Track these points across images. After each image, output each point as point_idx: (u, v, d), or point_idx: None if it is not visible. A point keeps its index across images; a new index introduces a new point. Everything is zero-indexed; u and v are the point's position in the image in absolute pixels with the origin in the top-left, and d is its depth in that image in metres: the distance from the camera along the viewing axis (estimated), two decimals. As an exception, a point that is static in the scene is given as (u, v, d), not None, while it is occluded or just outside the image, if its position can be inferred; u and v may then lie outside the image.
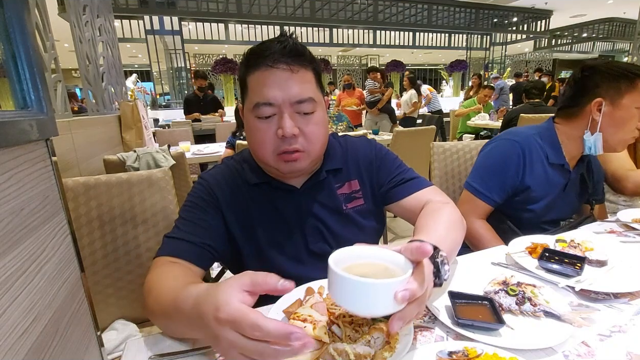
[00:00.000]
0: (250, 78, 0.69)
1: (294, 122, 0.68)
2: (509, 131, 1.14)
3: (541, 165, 1.06)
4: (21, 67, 0.46)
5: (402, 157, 2.95)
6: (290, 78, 0.67)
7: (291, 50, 0.68)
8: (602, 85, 0.99)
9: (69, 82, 10.88)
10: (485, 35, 10.65)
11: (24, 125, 0.43)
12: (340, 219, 0.81)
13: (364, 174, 0.84)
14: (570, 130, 1.07)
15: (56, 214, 0.50)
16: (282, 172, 0.74)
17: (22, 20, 0.45)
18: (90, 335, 0.57)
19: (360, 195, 0.83)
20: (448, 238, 0.64)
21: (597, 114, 0.99)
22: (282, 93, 0.66)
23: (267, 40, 0.71)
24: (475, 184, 1.10)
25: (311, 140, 0.70)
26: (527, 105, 3.50)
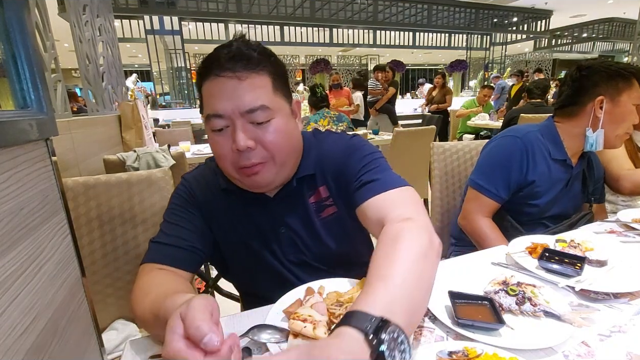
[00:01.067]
0: (203, 88, 0.65)
1: (248, 133, 0.62)
2: (510, 129, 1.15)
3: (544, 160, 1.08)
4: (21, 67, 0.46)
5: (402, 157, 2.93)
6: (238, 86, 0.61)
7: (235, 56, 0.61)
8: (601, 84, 1.02)
9: (69, 81, 10.88)
10: (485, 35, 10.64)
11: (23, 125, 0.43)
12: (314, 230, 0.75)
13: (331, 177, 0.75)
14: (571, 127, 1.09)
15: (56, 213, 0.50)
16: (248, 187, 0.70)
17: (22, 20, 0.45)
18: (90, 335, 0.57)
19: (332, 203, 0.76)
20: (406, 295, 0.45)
21: (600, 111, 1.02)
22: (231, 103, 0.61)
23: (220, 45, 0.65)
24: (480, 181, 1.10)
25: (271, 150, 0.64)
26: (528, 105, 3.50)
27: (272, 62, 0.66)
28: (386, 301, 0.41)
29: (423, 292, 0.48)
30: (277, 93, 0.66)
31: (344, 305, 0.58)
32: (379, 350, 0.37)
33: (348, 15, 8.66)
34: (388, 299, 0.42)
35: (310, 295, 0.62)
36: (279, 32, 8.49)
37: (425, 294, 0.49)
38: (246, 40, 0.65)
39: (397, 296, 0.43)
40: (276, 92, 0.66)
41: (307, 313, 0.54)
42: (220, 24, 7.86)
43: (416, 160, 2.81)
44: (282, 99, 0.67)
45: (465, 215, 1.15)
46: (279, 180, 0.70)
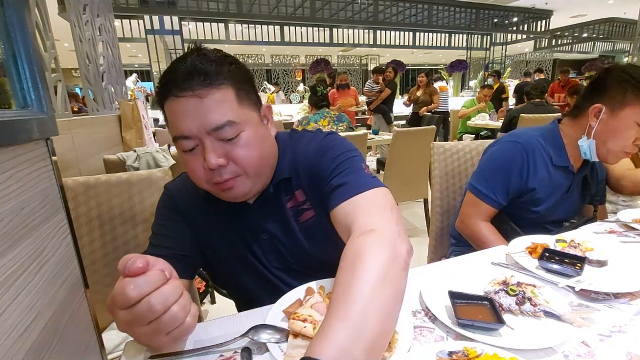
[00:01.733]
0: (165, 108, 0.62)
1: (218, 151, 0.60)
2: (511, 133, 1.13)
3: (545, 166, 1.05)
4: (21, 67, 0.46)
5: (402, 157, 2.93)
6: (199, 105, 0.58)
7: (190, 73, 0.57)
8: (610, 90, 0.96)
9: (69, 81, 10.88)
10: (486, 36, 10.64)
11: (24, 124, 0.43)
12: (294, 236, 0.73)
13: (306, 180, 0.72)
14: (572, 132, 1.06)
15: (56, 213, 0.50)
16: (224, 199, 0.68)
17: (23, 19, 0.45)
18: (90, 334, 0.57)
19: (309, 206, 0.73)
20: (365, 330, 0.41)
21: (594, 119, 0.98)
22: (195, 123, 0.58)
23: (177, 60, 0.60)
24: (479, 186, 1.09)
25: (243, 165, 0.63)
26: (529, 105, 3.51)
27: (232, 72, 0.62)
28: (341, 344, 0.39)
29: (386, 318, 0.44)
30: (242, 104, 0.63)
31: (344, 305, 0.58)
32: None
33: (348, 15, 8.66)
34: (343, 341, 0.39)
35: (310, 295, 0.62)
36: (279, 32, 8.49)
37: (389, 318, 0.45)
38: (202, 53, 0.61)
39: (353, 336, 0.40)
40: (241, 103, 0.62)
41: (307, 313, 0.54)
42: (221, 24, 7.86)
43: (416, 160, 2.81)
44: (248, 108, 0.64)
45: (462, 219, 1.14)
46: (255, 190, 0.68)
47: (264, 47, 9.42)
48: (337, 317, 0.42)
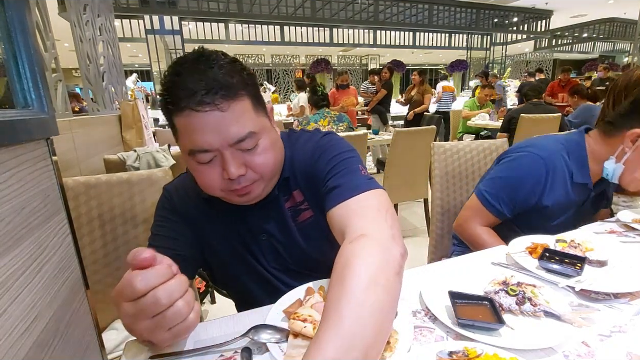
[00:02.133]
0: (176, 119, 0.58)
1: (238, 161, 0.60)
2: (535, 143, 1.05)
3: (563, 184, 1.00)
4: (22, 67, 0.46)
5: (402, 157, 2.93)
6: (222, 118, 0.56)
7: (213, 88, 0.55)
8: None
9: (70, 81, 10.88)
10: (486, 36, 10.64)
11: (25, 124, 0.43)
12: (292, 236, 0.74)
13: (303, 181, 0.72)
14: (600, 149, 0.99)
15: (57, 213, 0.50)
16: (236, 203, 0.68)
17: (23, 19, 0.45)
18: (90, 334, 0.57)
19: (307, 207, 0.73)
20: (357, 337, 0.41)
21: (630, 145, 0.91)
22: (217, 137, 0.57)
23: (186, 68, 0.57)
24: (487, 194, 1.04)
25: (261, 171, 0.63)
26: (528, 105, 3.53)
27: (246, 80, 0.61)
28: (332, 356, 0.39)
29: (380, 324, 0.44)
30: (258, 112, 0.63)
31: (344, 305, 0.58)
32: None
33: (349, 15, 8.66)
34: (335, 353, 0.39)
35: (310, 295, 0.62)
36: (279, 32, 8.49)
37: (383, 324, 0.45)
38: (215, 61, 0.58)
39: (346, 346, 0.40)
40: (257, 111, 0.62)
41: (307, 313, 0.54)
42: (221, 24, 7.87)
43: (416, 160, 2.81)
44: (262, 115, 0.64)
45: (461, 222, 1.11)
46: (267, 191, 0.69)
47: (264, 47, 9.43)
48: (329, 327, 0.42)
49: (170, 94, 0.57)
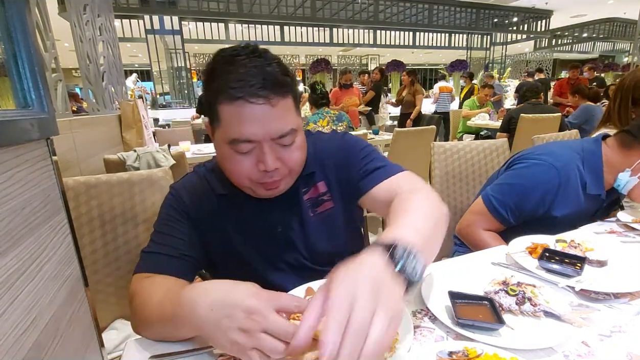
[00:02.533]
0: (222, 107, 0.60)
1: (275, 154, 0.63)
2: (551, 151, 1.02)
3: (576, 196, 0.98)
4: (22, 67, 0.46)
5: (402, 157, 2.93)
6: (271, 112, 0.60)
7: (273, 83, 0.59)
8: None
9: (70, 81, 10.88)
10: (486, 35, 10.65)
11: (25, 124, 0.43)
12: (308, 226, 0.77)
13: (330, 173, 0.78)
14: (616, 159, 0.97)
15: (57, 213, 0.50)
16: (260, 196, 0.70)
17: (23, 19, 0.45)
18: (90, 334, 0.57)
19: (329, 198, 0.78)
20: (420, 227, 0.53)
21: None
22: (263, 130, 0.60)
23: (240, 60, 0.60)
24: (495, 200, 1.02)
25: (292, 167, 0.67)
26: (527, 105, 3.53)
27: (293, 81, 0.65)
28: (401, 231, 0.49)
29: (437, 234, 0.56)
30: (297, 111, 0.67)
31: (344, 305, 0.58)
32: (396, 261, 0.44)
33: (349, 15, 8.67)
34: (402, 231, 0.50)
35: (310, 295, 0.62)
36: (279, 32, 8.50)
37: (439, 236, 0.57)
38: (279, 62, 0.63)
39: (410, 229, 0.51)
40: (297, 110, 0.67)
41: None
42: (221, 24, 7.87)
43: (416, 160, 2.81)
44: (299, 115, 0.68)
45: (465, 225, 1.09)
46: (287, 187, 0.71)
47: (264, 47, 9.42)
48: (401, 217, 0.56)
49: (221, 80, 0.59)
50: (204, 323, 0.46)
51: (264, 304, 0.44)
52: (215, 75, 0.61)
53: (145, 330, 0.59)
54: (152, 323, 0.57)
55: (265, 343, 0.42)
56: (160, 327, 0.56)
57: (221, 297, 0.46)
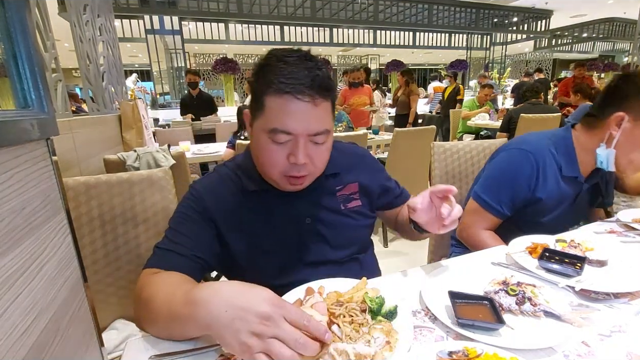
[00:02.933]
0: (269, 98, 0.66)
1: (307, 151, 0.68)
2: (522, 140, 1.08)
3: (554, 178, 1.02)
4: (22, 67, 0.46)
5: (402, 157, 2.93)
6: (312, 110, 0.66)
7: (320, 86, 0.66)
8: (631, 97, 0.91)
9: (70, 81, 10.88)
10: (486, 35, 10.64)
11: (24, 124, 0.43)
12: (339, 217, 0.83)
13: (361, 177, 0.87)
14: (587, 140, 1.01)
15: (57, 213, 0.50)
16: (283, 189, 0.75)
17: (23, 19, 0.45)
18: (90, 334, 0.57)
19: (358, 197, 0.87)
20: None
21: (616, 129, 0.93)
22: (302, 125, 0.66)
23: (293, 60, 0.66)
24: (485, 197, 1.05)
25: (318, 165, 0.73)
26: (527, 105, 3.53)
27: (335, 87, 0.71)
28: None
29: None
30: (332, 116, 0.73)
31: (344, 305, 0.58)
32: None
33: (348, 15, 8.66)
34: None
35: (310, 295, 0.62)
36: (279, 32, 8.49)
37: None
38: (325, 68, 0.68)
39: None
40: (332, 115, 0.73)
41: (308, 313, 0.54)
42: (221, 24, 7.87)
43: (416, 160, 2.81)
44: (334, 118, 0.75)
45: (465, 228, 1.10)
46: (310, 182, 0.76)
47: (264, 47, 9.41)
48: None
49: (272, 74, 0.65)
50: (215, 322, 0.47)
51: (277, 311, 0.45)
52: (268, 70, 0.66)
53: (150, 326, 0.60)
54: (158, 320, 0.57)
55: (274, 348, 0.43)
56: (165, 324, 0.56)
57: (236, 299, 0.47)
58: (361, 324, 0.55)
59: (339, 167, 0.84)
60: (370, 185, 0.89)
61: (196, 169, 3.42)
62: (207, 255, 0.74)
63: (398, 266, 0.83)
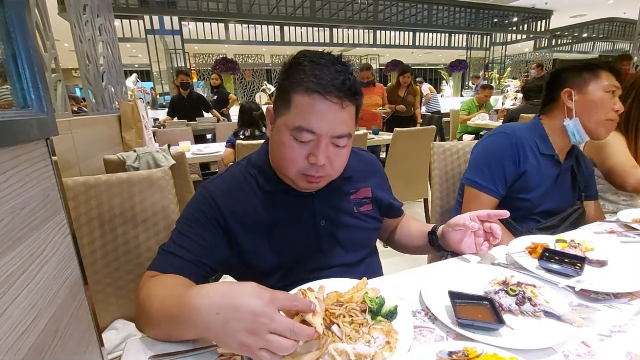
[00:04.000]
0: (297, 96, 0.67)
1: (327, 152, 0.69)
2: (498, 127, 1.21)
3: (533, 154, 1.12)
4: (21, 67, 0.46)
5: (402, 157, 2.95)
6: (339, 113, 0.67)
7: (349, 89, 0.67)
8: (568, 78, 1.11)
9: (69, 81, 10.87)
10: (486, 35, 10.64)
11: (24, 124, 0.43)
12: (352, 220, 0.85)
13: (373, 184, 0.90)
14: (552, 122, 1.15)
15: (56, 213, 0.50)
16: (299, 188, 0.76)
17: (23, 19, 0.45)
18: (90, 334, 0.57)
19: (369, 202, 0.89)
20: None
21: (570, 101, 1.10)
22: (327, 126, 0.67)
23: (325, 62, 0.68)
24: (478, 179, 1.13)
25: (336, 168, 0.73)
26: (528, 105, 3.53)
27: (361, 93, 0.73)
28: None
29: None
30: (356, 120, 0.74)
31: (344, 305, 0.58)
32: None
33: (348, 15, 8.65)
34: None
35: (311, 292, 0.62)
36: (279, 32, 8.49)
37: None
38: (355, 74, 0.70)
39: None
40: (355, 120, 0.74)
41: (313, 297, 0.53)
42: (221, 24, 7.86)
43: (416, 160, 2.81)
44: (356, 123, 0.75)
45: None
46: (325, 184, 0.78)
47: (264, 47, 9.41)
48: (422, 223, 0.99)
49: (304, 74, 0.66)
50: (210, 326, 0.47)
51: (267, 304, 0.45)
52: (299, 69, 0.67)
53: (150, 328, 0.59)
54: (157, 323, 0.57)
55: (273, 343, 0.44)
56: (164, 327, 0.57)
57: (224, 299, 0.47)
58: (361, 324, 0.55)
59: (352, 171, 0.85)
60: (380, 195, 0.91)
61: (196, 169, 3.42)
62: (212, 261, 0.73)
63: (398, 266, 0.83)
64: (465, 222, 0.79)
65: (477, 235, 0.82)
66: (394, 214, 0.99)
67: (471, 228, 0.78)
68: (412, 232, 1.00)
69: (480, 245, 0.81)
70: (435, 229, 0.90)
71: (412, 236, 0.99)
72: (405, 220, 1.03)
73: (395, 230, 1.04)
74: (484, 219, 0.80)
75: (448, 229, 0.83)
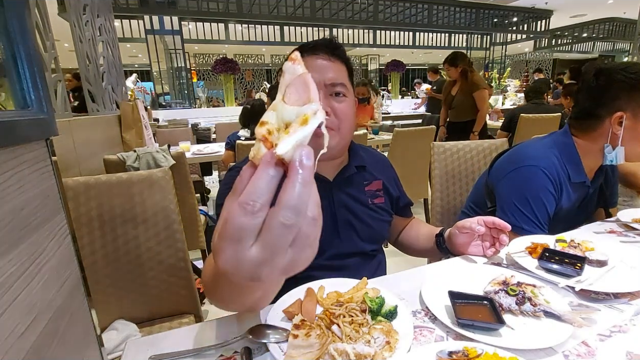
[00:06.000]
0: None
1: (326, 102, 0.77)
2: (526, 155, 1.04)
3: (566, 186, 1.01)
4: (21, 67, 0.46)
5: (402, 157, 2.94)
6: (328, 65, 0.78)
7: (335, 47, 0.80)
8: (622, 96, 0.92)
9: (69, 81, 10.85)
10: (486, 35, 10.63)
11: (24, 125, 0.43)
12: (367, 211, 0.89)
13: (385, 178, 0.96)
14: (589, 144, 1.00)
15: (56, 213, 0.50)
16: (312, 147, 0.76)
17: (23, 20, 0.45)
18: (90, 335, 0.57)
19: (382, 194, 0.94)
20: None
21: (618, 127, 0.93)
22: (320, 75, 0.76)
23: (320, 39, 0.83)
24: (527, 227, 0.98)
25: (341, 118, 0.79)
26: (529, 105, 3.54)
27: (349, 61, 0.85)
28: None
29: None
30: (349, 82, 0.83)
31: (344, 305, 0.58)
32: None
33: (348, 15, 8.65)
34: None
35: (309, 296, 0.62)
36: (279, 32, 8.48)
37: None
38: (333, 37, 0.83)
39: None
40: (349, 81, 0.83)
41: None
42: (220, 24, 7.86)
43: (416, 160, 2.81)
44: (351, 89, 0.84)
45: None
46: (336, 150, 0.82)
47: (264, 47, 9.41)
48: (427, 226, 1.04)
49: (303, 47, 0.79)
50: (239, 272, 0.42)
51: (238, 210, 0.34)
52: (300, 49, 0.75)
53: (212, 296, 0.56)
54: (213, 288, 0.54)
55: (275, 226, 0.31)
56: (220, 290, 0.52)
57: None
58: (361, 324, 0.55)
59: (366, 162, 0.92)
60: (391, 189, 0.96)
61: (196, 169, 3.42)
62: None
63: (398, 266, 0.83)
64: (472, 225, 0.80)
65: (484, 239, 0.83)
66: (404, 211, 1.04)
67: (477, 231, 0.79)
68: (420, 233, 1.02)
69: (487, 250, 0.82)
70: (442, 232, 0.91)
71: (419, 237, 1.02)
72: (416, 222, 1.08)
73: (404, 230, 1.07)
74: (490, 226, 0.81)
75: (455, 231, 0.85)
